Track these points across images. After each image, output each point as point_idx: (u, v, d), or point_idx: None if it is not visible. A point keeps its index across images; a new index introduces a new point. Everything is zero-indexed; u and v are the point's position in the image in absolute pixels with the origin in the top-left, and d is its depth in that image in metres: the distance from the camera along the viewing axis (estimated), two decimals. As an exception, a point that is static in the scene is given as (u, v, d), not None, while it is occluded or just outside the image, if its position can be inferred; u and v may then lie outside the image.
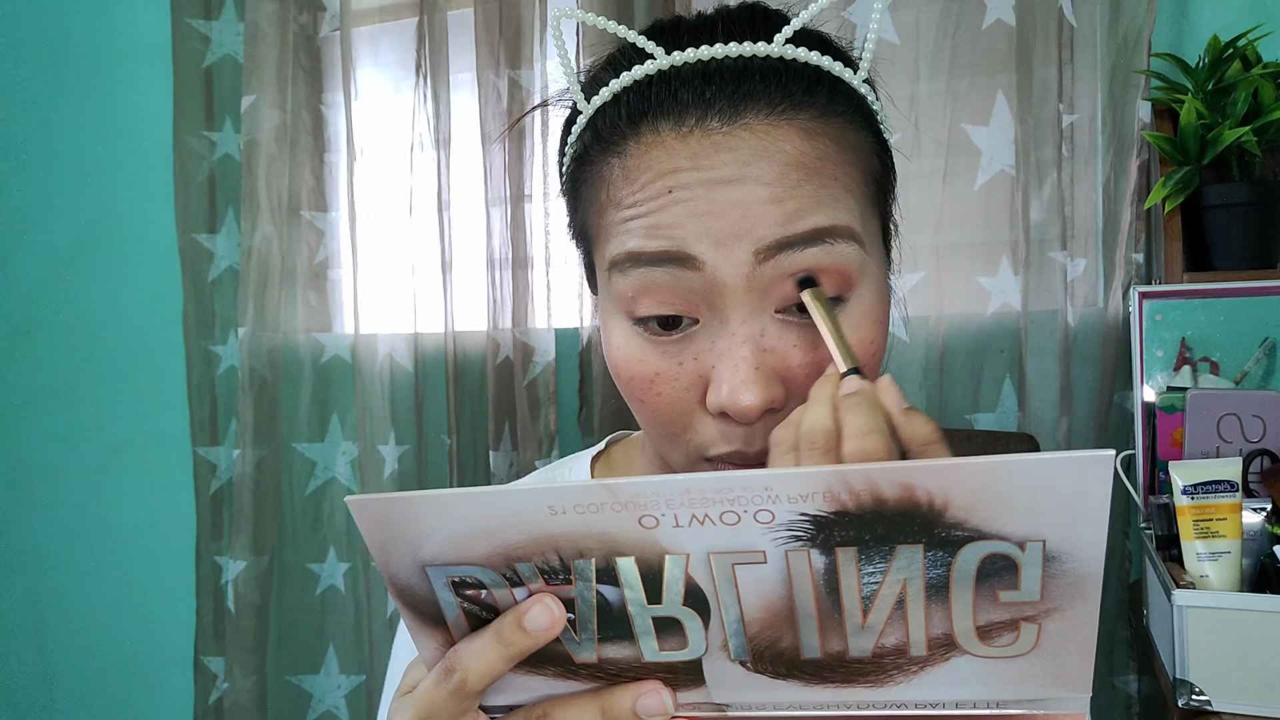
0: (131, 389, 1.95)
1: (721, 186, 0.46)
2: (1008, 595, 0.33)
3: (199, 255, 1.78)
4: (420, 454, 1.67)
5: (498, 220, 1.58)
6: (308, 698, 1.77)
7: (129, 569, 1.99)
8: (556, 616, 0.36)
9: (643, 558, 0.35)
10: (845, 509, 0.32)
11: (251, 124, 1.69)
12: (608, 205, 0.50)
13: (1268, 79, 1.11)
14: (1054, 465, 0.30)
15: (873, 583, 0.34)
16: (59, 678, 2.07)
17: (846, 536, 0.33)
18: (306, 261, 1.74)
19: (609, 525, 0.34)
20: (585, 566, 0.35)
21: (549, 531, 0.35)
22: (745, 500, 0.32)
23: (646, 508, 0.33)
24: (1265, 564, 0.89)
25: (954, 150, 1.33)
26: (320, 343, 1.74)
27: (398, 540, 0.36)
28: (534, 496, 0.34)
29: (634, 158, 0.49)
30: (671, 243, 0.47)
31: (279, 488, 1.75)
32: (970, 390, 1.35)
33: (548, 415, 1.57)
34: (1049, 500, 0.31)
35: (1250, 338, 1.08)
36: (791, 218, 0.46)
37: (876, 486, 0.32)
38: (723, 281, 0.47)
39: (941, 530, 0.32)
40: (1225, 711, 0.81)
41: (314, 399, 1.74)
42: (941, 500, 0.31)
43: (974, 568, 0.33)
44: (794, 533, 0.33)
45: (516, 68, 1.56)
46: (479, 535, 0.35)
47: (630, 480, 0.33)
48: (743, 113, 0.47)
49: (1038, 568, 0.33)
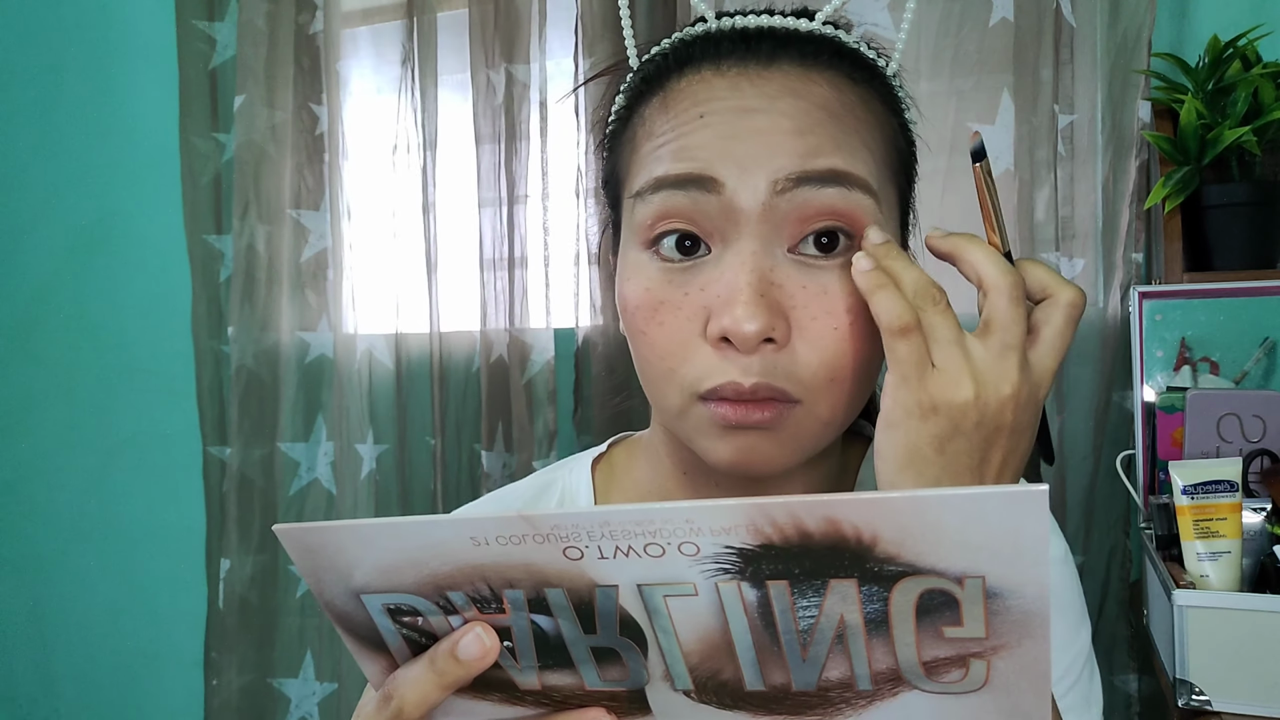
0: (132, 389, 1.95)
1: (748, 114, 0.48)
2: (952, 631, 0.33)
3: (210, 256, 1.78)
4: (401, 454, 1.67)
5: (490, 219, 1.58)
6: (286, 702, 1.77)
7: (129, 569, 1.99)
8: (488, 646, 0.36)
9: (572, 589, 0.34)
10: (770, 542, 0.31)
11: (245, 123, 1.69)
12: (642, 140, 0.52)
13: (1268, 79, 1.11)
14: (983, 500, 0.30)
15: (809, 616, 0.33)
16: (59, 678, 2.07)
17: (775, 570, 0.32)
18: (295, 261, 1.73)
19: (533, 557, 0.33)
20: (516, 596, 0.35)
21: (474, 562, 0.34)
22: (667, 533, 0.32)
23: (568, 539, 0.33)
24: (1265, 564, 0.89)
25: (957, 149, 1.33)
26: (305, 342, 1.74)
27: (327, 569, 0.35)
28: (455, 528, 0.33)
29: (674, 92, 0.51)
30: (695, 164, 0.48)
31: (268, 488, 1.75)
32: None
33: (547, 415, 1.57)
34: (981, 536, 0.30)
35: (1250, 338, 1.08)
36: (811, 152, 0.48)
37: (799, 520, 0.31)
38: (740, 207, 0.48)
39: (873, 565, 0.31)
40: (1225, 711, 0.81)
41: (299, 399, 1.74)
42: (870, 535, 0.31)
43: (912, 603, 0.32)
44: (721, 565, 0.32)
45: (513, 62, 1.56)
46: (406, 565, 0.35)
47: (548, 512, 0.32)
48: (777, 59, 0.50)
49: (979, 604, 0.32)
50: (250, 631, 1.74)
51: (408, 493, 1.67)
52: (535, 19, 1.54)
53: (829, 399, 0.49)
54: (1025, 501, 0.29)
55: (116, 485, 1.98)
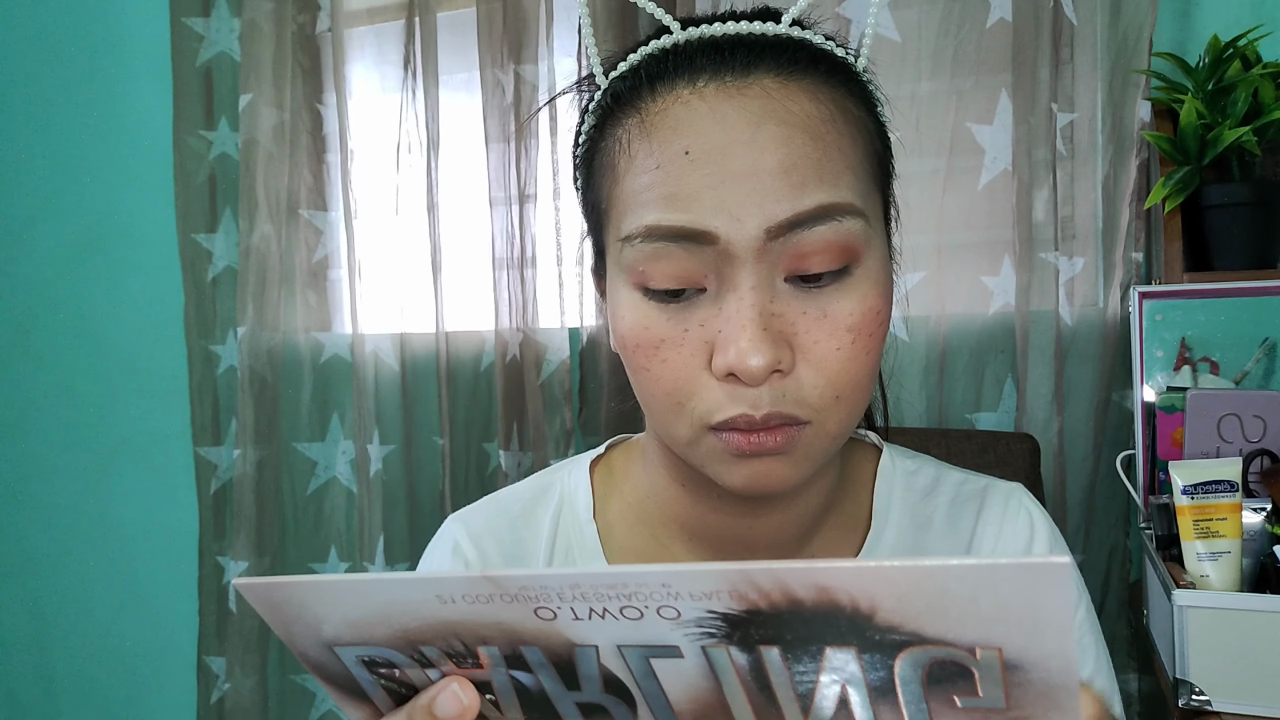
0: (131, 389, 1.95)
1: (734, 150, 0.48)
2: (967, 701, 0.30)
3: (198, 255, 1.78)
4: (408, 453, 1.67)
5: (501, 219, 1.58)
6: (310, 697, 1.78)
7: (129, 569, 1.99)
8: (466, 704, 0.34)
9: (549, 647, 0.32)
10: (757, 607, 0.29)
11: (250, 123, 1.69)
12: (624, 173, 0.51)
13: (1268, 79, 1.11)
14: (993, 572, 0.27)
15: (807, 681, 0.31)
16: (59, 678, 2.07)
17: (766, 635, 0.30)
18: (305, 261, 1.74)
19: (504, 616, 0.31)
20: (492, 652, 0.33)
21: (444, 619, 0.32)
22: (643, 596, 0.30)
23: (538, 600, 0.31)
24: (1265, 564, 0.89)
25: (956, 149, 1.33)
26: (319, 342, 1.74)
27: (295, 621, 0.34)
28: (419, 587, 0.32)
29: (651, 115, 0.50)
30: (687, 215, 0.48)
31: (280, 488, 1.75)
32: (971, 390, 1.35)
33: (564, 414, 1.57)
34: (994, 608, 0.27)
35: (1250, 338, 1.08)
36: (798, 190, 0.48)
37: (788, 587, 0.28)
38: (735, 254, 0.48)
39: (874, 633, 0.29)
40: (1225, 711, 0.81)
41: (314, 398, 1.74)
42: (867, 604, 0.28)
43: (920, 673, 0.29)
44: (705, 629, 0.30)
45: (521, 63, 1.56)
46: (375, 620, 0.33)
47: (515, 573, 0.30)
48: (753, 70, 0.49)
49: (996, 676, 0.29)
50: (263, 631, 1.75)
51: (414, 492, 1.68)
52: (542, 19, 1.54)
53: (836, 416, 0.51)
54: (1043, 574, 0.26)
55: (115, 485, 1.98)
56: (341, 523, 1.75)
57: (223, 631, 1.78)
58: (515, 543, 0.65)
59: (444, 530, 0.67)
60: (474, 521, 0.66)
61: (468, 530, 0.65)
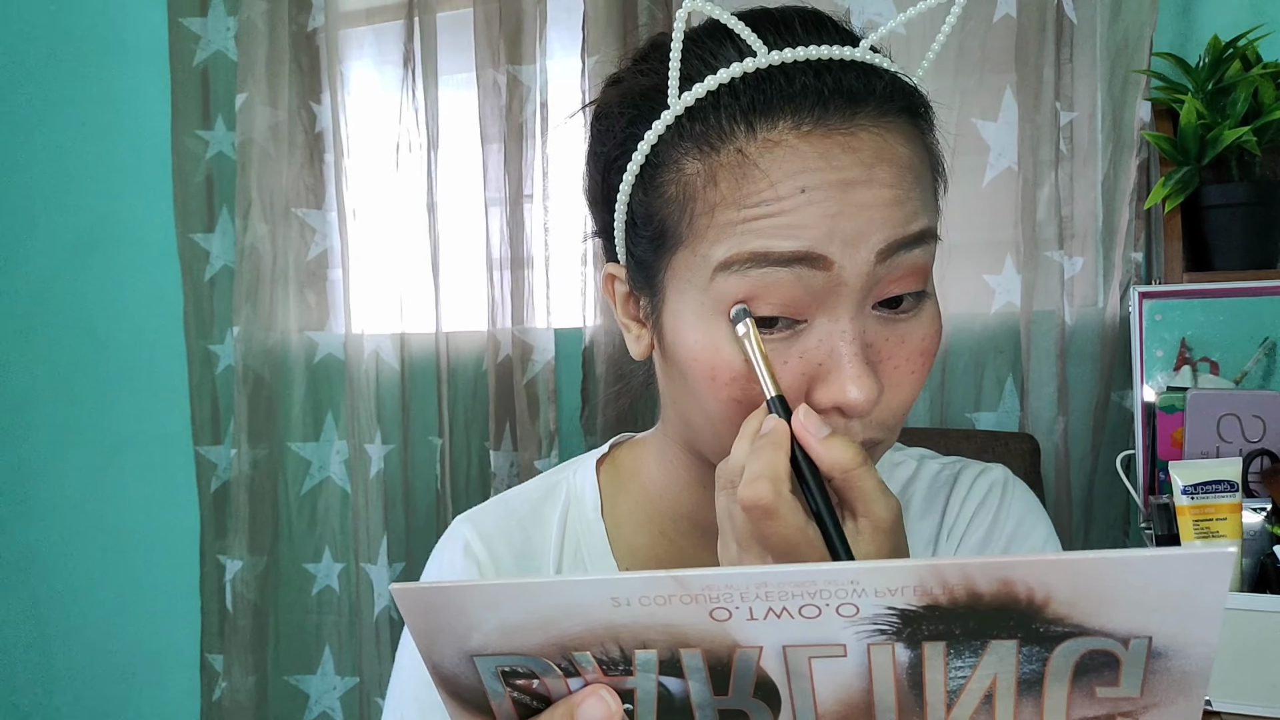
0: (131, 389, 1.95)
1: (851, 188, 0.48)
2: (1105, 691, 0.32)
3: (196, 255, 1.78)
4: (406, 453, 1.67)
5: (496, 219, 1.58)
6: (304, 698, 1.77)
7: (129, 569, 1.99)
8: (612, 710, 0.34)
9: (710, 650, 0.33)
10: (937, 603, 0.30)
11: (246, 122, 1.69)
12: (718, 205, 0.49)
13: (1268, 79, 1.11)
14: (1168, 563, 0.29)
15: (960, 677, 0.32)
16: (59, 678, 2.07)
17: (935, 631, 0.31)
18: (301, 260, 1.74)
19: (676, 617, 0.32)
20: (648, 658, 0.33)
21: (610, 623, 0.33)
22: (828, 594, 0.31)
23: (719, 600, 0.31)
24: (1265, 564, 0.89)
25: (960, 150, 1.33)
26: (314, 341, 1.74)
27: (443, 629, 0.34)
28: (597, 588, 0.32)
29: (754, 157, 0.48)
30: (803, 242, 0.47)
31: (275, 487, 1.75)
32: (972, 389, 1.35)
33: (547, 415, 1.57)
34: (1158, 597, 0.29)
35: (1250, 338, 1.08)
36: (909, 218, 0.49)
37: (972, 581, 0.30)
38: (845, 280, 0.48)
39: (1039, 625, 0.30)
40: (1225, 711, 0.81)
41: (308, 398, 1.74)
42: (1042, 596, 0.30)
43: (1072, 664, 0.31)
44: (878, 626, 0.31)
45: (517, 63, 1.56)
46: (534, 626, 0.33)
47: (703, 572, 0.31)
48: (856, 113, 0.49)
49: (1141, 665, 0.31)
50: (258, 630, 1.75)
51: (410, 492, 1.68)
52: (538, 20, 1.54)
53: (898, 428, 0.53)
54: (1211, 564, 0.28)
55: (116, 485, 1.98)
56: (335, 523, 1.75)
57: (224, 630, 1.78)
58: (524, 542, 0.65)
59: (453, 531, 0.67)
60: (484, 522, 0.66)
61: (478, 531, 0.65)
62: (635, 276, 0.56)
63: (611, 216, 0.56)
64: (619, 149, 0.54)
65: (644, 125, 0.52)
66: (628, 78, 0.56)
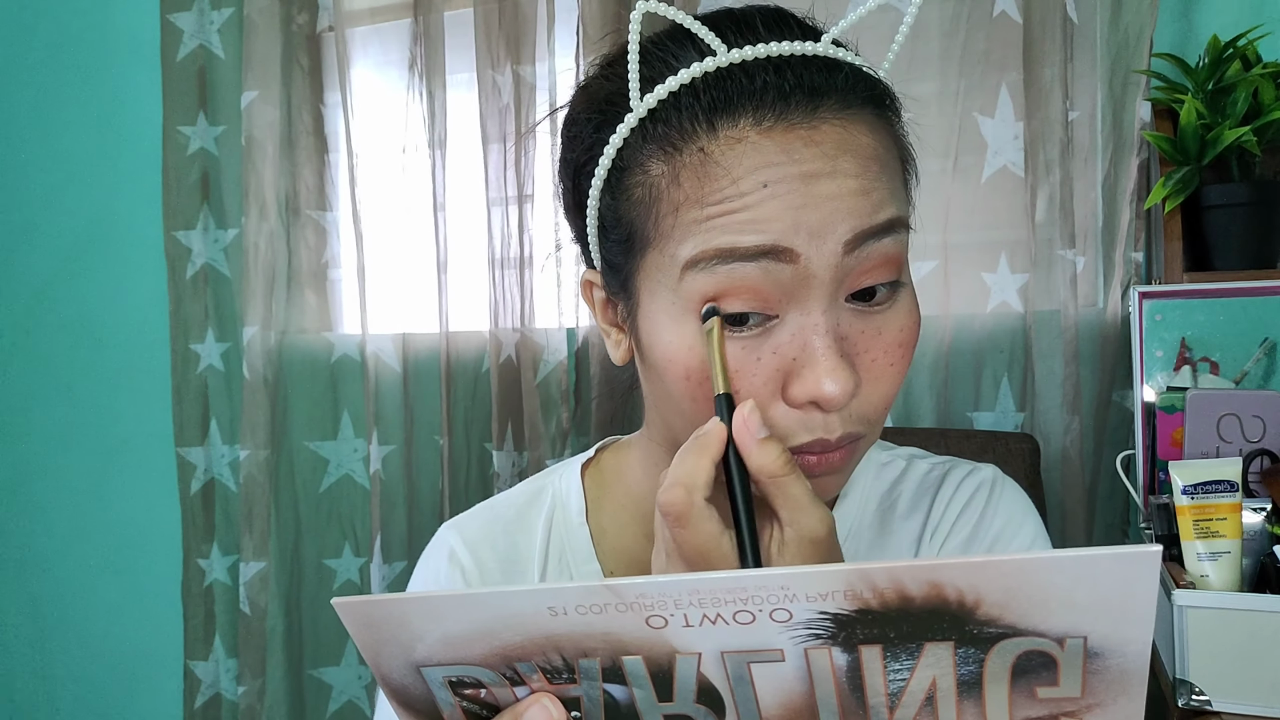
0: (131, 389, 1.95)
1: (814, 180, 0.47)
2: (1046, 691, 0.32)
3: (179, 253, 1.79)
4: (409, 453, 1.67)
5: (499, 220, 1.58)
6: (328, 689, 1.78)
7: (128, 569, 1.99)
8: (555, 717, 0.35)
9: (650, 657, 0.33)
10: (868, 607, 0.31)
11: (250, 121, 1.69)
12: (682, 204, 0.49)
13: (1268, 79, 1.11)
14: (1094, 562, 0.29)
15: (899, 679, 0.32)
16: (58, 678, 2.07)
17: (870, 634, 0.31)
18: (309, 261, 1.74)
19: (613, 625, 0.33)
20: (590, 666, 0.34)
21: (549, 632, 0.33)
22: (760, 599, 0.31)
23: (653, 608, 0.32)
24: (1265, 564, 0.89)
25: (962, 149, 1.32)
26: (329, 341, 1.75)
27: (388, 642, 0.34)
28: (533, 598, 0.32)
29: (716, 154, 0.48)
30: (769, 237, 0.47)
31: (292, 486, 1.76)
32: (972, 389, 1.35)
33: (560, 415, 1.57)
34: (1089, 597, 0.29)
35: (1250, 338, 1.08)
36: (876, 208, 0.48)
37: (902, 585, 0.30)
38: (813, 273, 0.47)
39: (973, 628, 0.31)
40: (1225, 711, 0.81)
41: (324, 398, 1.75)
42: (973, 598, 0.30)
43: (1009, 665, 0.31)
44: (813, 631, 0.32)
45: (520, 63, 1.56)
46: (475, 637, 0.34)
47: (635, 581, 0.31)
48: (819, 107, 0.48)
49: (1078, 665, 0.31)
50: (277, 629, 1.76)
51: (414, 492, 1.68)
52: (542, 19, 1.54)
53: (881, 423, 0.53)
54: (1138, 563, 0.28)
55: (115, 485, 1.98)
56: (354, 519, 1.76)
57: (209, 633, 1.81)
58: (510, 547, 0.65)
59: (439, 538, 0.67)
60: (469, 529, 0.66)
61: (463, 538, 0.65)
62: (610, 281, 0.57)
63: (585, 223, 0.56)
64: (587, 154, 0.54)
65: (609, 130, 0.52)
66: (594, 84, 0.56)
